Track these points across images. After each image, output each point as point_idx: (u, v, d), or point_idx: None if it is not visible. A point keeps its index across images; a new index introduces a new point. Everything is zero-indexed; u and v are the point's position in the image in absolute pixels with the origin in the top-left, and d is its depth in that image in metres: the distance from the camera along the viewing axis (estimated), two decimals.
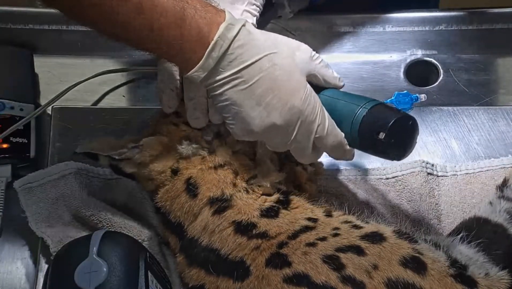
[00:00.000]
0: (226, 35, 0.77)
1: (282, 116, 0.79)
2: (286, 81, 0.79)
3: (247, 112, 0.79)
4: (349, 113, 0.81)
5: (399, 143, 0.80)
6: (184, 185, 0.86)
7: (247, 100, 0.79)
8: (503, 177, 0.94)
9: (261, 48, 0.78)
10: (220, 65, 0.78)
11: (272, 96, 0.79)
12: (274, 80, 0.78)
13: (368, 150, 0.82)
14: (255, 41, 0.78)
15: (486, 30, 1.13)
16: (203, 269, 0.82)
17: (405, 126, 0.80)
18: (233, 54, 0.77)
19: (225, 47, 0.77)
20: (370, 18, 1.13)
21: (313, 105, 0.80)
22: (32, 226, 0.92)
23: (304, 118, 0.80)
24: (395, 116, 0.79)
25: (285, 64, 0.79)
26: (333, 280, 0.76)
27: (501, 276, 0.79)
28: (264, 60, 0.78)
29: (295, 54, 0.80)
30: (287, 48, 0.80)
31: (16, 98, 1.02)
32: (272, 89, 0.78)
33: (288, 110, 0.79)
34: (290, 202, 0.85)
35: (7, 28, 1.12)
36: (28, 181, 0.94)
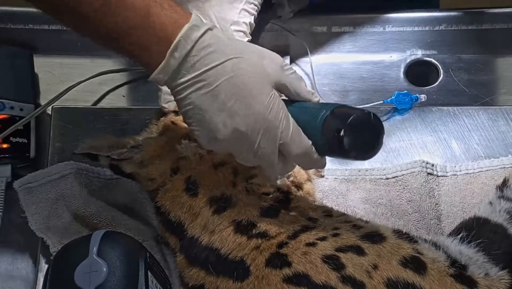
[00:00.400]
0: (189, 36, 0.76)
1: (245, 121, 0.77)
2: (249, 85, 0.77)
3: (210, 117, 0.77)
4: (313, 118, 0.79)
5: (362, 141, 0.78)
6: (184, 185, 0.86)
7: (210, 105, 0.77)
8: (503, 177, 0.94)
9: (226, 52, 0.77)
10: (183, 67, 0.76)
11: (234, 100, 0.76)
12: (237, 84, 0.76)
13: (333, 152, 0.80)
14: (220, 44, 0.77)
15: (486, 30, 1.13)
16: (203, 269, 0.82)
17: (366, 123, 0.78)
18: (197, 56, 0.76)
19: (188, 48, 0.76)
20: (370, 18, 1.13)
21: (276, 111, 0.77)
22: (32, 226, 0.92)
23: (268, 124, 0.77)
24: (354, 113, 0.77)
25: (249, 69, 0.77)
26: (333, 280, 0.76)
27: (501, 276, 0.79)
28: (228, 63, 0.76)
29: (262, 62, 0.78)
30: (255, 55, 0.78)
31: (16, 98, 1.02)
32: (235, 94, 0.76)
33: (251, 115, 0.77)
34: (290, 201, 0.85)
35: (7, 28, 1.12)
36: (28, 181, 0.94)
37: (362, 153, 0.79)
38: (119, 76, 1.11)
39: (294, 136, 0.78)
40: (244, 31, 0.94)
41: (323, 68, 1.11)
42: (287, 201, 0.85)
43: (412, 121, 1.04)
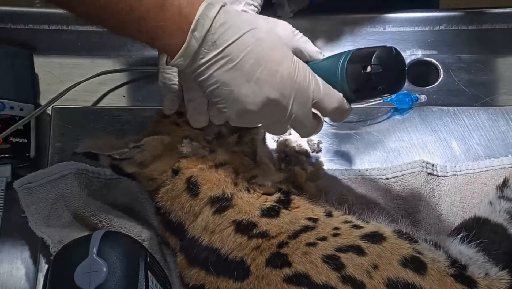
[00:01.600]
0: (207, 14, 0.76)
1: (275, 88, 0.78)
2: (272, 53, 0.78)
3: (238, 91, 0.78)
4: (334, 67, 0.80)
5: (388, 73, 0.79)
6: (185, 185, 0.86)
7: (237, 78, 0.77)
8: (503, 177, 0.94)
9: (242, 25, 0.77)
10: (204, 46, 0.76)
11: (261, 70, 0.77)
12: (261, 53, 0.77)
13: (361, 93, 0.81)
14: (235, 20, 0.77)
15: (486, 30, 1.13)
16: (203, 268, 0.82)
17: (389, 55, 0.79)
18: (216, 34, 0.76)
19: (207, 27, 0.76)
20: (370, 18, 1.13)
21: (303, 72, 0.79)
22: (32, 226, 0.92)
23: (298, 86, 0.79)
24: (376, 49, 0.79)
25: (268, 38, 0.78)
26: (333, 280, 0.76)
27: (501, 276, 0.79)
28: (247, 35, 0.77)
29: (276, 29, 0.80)
30: (267, 24, 0.80)
31: (16, 98, 1.02)
32: (259, 63, 0.77)
33: (279, 81, 0.78)
34: (291, 201, 0.85)
35: (7, 28, 1.12)
36: (28, 181, 0.94)
37: (391, 85, 0.80)
38: (119, 76, 1.11)
39: (326, 91, 0.80)
40: None
41: None
42: (287, 201, 0.85)
43: (412, 121, 1.04)
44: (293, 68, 0.78)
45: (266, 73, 0.77)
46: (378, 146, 1.02)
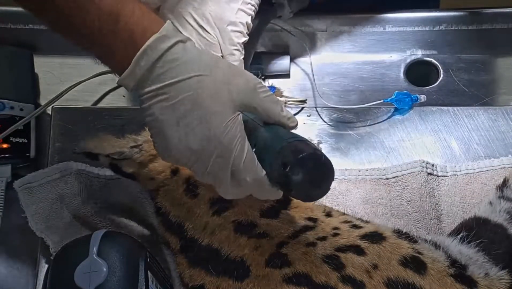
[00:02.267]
0: (157, 46, 0.74)
1: (199, 140, 0.74)
2: (209, 106, 0.74)
3: (166, 130, 0.75)
4: (272, 148, 0.75)
5: (307, 181, 0.73)
6: (184, 185, 0.86)
7: (168, 118, 0.75)
8: (503, 177, 0.94)
9: (194, 67, 0.75)
10: (149, 77, 0.74)
11: (192, 118, 0.74)
12: (197, 103, 0.74)
13: (279, 185, 0.75)
14: (189, 59, 0.75)
15: (486, 30, 1.13)
16: (203, 269, 0.82)
17: (316, 163, 0.73)
18: (163, 68, 0.74)
19: (154, 58, 0.74)
20: (370, 18, 1.13)
21: (232, 135, 0.74)
22: (32, 226, 0.92)
23: (221, 148, 0.74)
24: (307, 151, 0.72)
25: (213, 88, 0.75)
26: (333, 279, 0.76)
27: (501, 276, 0.79)
28: (193, 80, 0.74)
29: (231, 81, 0.76)
30: (223, 74, 0.76)
31: (16, 98, 1.02)
32: (193, 111, 0.74)
33: (205, 136, 0.74)
34: (290, 202, 0.85)
35: (7, 28, 1.12)
36: (28, 181, 0.94)
37: (307, 193, 0.75)
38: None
39: (247, 164, 0.75)
40: (241, 31, 0.93)
41: (323, 68, 1.11)
42: (287, 202, 0.85)
43: (412, 121, 1.04)
44: (224, 127, 0.74)
45: (196, 124, 0.75)
46: (378, 146, 1.02)
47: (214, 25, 0.92)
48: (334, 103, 1.06)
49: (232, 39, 0.92)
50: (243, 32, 0.93)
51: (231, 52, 0.93)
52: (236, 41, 0.93)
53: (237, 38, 0.93)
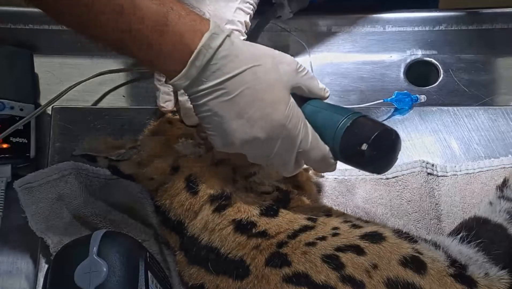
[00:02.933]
0: (209, 45, 0.76)
1: (264, 130, 0.78)
2: (269, 94, 0.77)
3: (228, 124, 0.78)
4: (332, 123, 0.80)
5: (381, 156, 0.79)
6: (184, 183, 0.86)
7: (229, 112, 0.77)
8: (503, 177, 0.94)
9: (245, 60, 0.77)
10: (203, 75, 0.76)
11: (254, 109, 0.77)
12: (257, 93, 0.77)
13: (348, 161, 0.81)
14: (239, 52, 0.77)
15: (486, 30, 1.13)
16: (202, 267, 0.82)
17: (388, 140, 0.80)
18: (216, 65, 0.76)
19: (208, 57, 0.76)
20: (370, 18, 1.13)
21: (296, 120, 0.79)
22: (32, 226, 0.92)
23: (287, 133, 0.79)
24: (379, 128, 0.79)
25: (268, 78, 0.78)
26: (333, 279, 0.76)
27: (501, 276, 0.79)
28: (247, 72, 0.77)
29: (279, 67, 0.79)
30: (271, 60, 0.79)
31: (16, 98, 1.02)
32: (254, 103, 0.77)
33: (270, 124, 0.78)
34: (290, 201, 0.85)
35: (7, 28, 1.12)
36: (28, 181, 0.94)
37: (379, 168, 0.81)
38: (119, 76, 1.11)
39: (313, 144, 0.80)
40: (239, 30, 0.94)
41: (323, 68, 1.11)
42: (286, 201, 0.85)
43: (412, 121, 1.04)
44: (286, 114, 0.78)
45: (258, 114, 0.77)
46: None
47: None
48: (334, 103, 1.06)
49: None
50: (241, 31, 0.94)
51: None
52: None
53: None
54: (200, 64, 0.76)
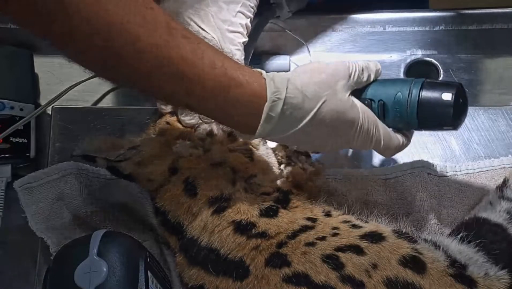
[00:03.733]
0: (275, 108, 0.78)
1: (346, 142, 0.83)
2: (341, 121, 0.81)
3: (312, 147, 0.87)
4: (403, 94, 0.82)
5: (464, 106, 0.81)
6: (182, 185, 0.86)
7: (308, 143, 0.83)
8: (503, 177, 0.94)
9: (309, 104, 0.79)
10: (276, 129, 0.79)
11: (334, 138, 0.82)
12: (332, 125, 0.80)
13: (429, 122, 0.82)
14: (301, 97, 0.79)
15: (486, 30, 1.13)
16: (202, 268, 0.82)
17: (463, 90, 0.82)
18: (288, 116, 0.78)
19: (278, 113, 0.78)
20: (370, 18, 1.13)
21: (367, 128, 0.82)
22: (32, 226, 0.92)
23: (363, 136, 0.82)
24: (457, 83, 0.81)
25: (335, 106, 0.80)
26: (333, 279, 0.76)
27: (501, 276, 0.79)
28: (317, 115, 0.79)
29: (337, 86, 0.81)
30: (329, 84, 0.80)
31: (16, 98, 1.02)
32: (331, 133, 0.81)
33: (351, 138, 0.82)
34: (289, 201, 0.85)
35: (7, 28, 1.12)
36: (28, 181, 0.94)
37: (461, 119, 0.82)
38: None
39: (386, 143, 0.84)
40: (241, 31, 0.94)
41: None
42: (286, 201, 0.85)
43: None
44: (359, 129, 0.82)
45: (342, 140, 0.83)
46: None
47: (214, 26, 0.93)
48: None
49: (233, 39, 0.93)
50: (243, 33, 0.94)
51: (232, 52, 0.94)
52: (237, 41, 0.93)
53: (238, 38, 0.93)
54: (273, 122, 0.78)
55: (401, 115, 0.82)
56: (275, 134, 0.80)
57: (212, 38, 0.93)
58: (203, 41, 0.77)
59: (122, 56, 0.71)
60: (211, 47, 0.77)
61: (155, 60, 0.72)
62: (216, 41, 0.93)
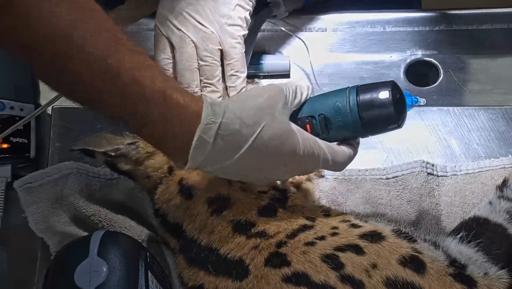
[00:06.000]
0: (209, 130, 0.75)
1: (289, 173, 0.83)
2: (283, 147, 0.77)
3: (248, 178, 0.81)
4: (340, 103, 0.80)
5: (401, 103, 0.81)
6: (177, 187, 0.86)
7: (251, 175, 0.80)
8: (503, 177, 0.94)
9: (246, 127, 0.76)
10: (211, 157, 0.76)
11: (278, 167, 0.80)
12: (274, 152, 0.77)
13: (372, 124, 0.81)
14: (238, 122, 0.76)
15: (486, 30, 1.13)
16: (202, 269, 0.82)
17: (397, 85, 0.81)
18: (225, 143, 0.75)
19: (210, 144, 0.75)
20: (370, 18, 1.13)
21: (311, 150, 0.79)
22: (32, 226, 0.92)
23: (306, 165, 0.81)
24: (389, 81, 0.81)
25: (275, 131, 0.77)
26: (332, 279, 0.76)
27: (500, 276, 0.79)
28: (258, 137, 0.76)
29: (275, 111, 0.78)
30: (267, 109, 0.77)
31: (16, 98, 1.02)
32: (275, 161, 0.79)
33: (292, 169, 0.81)
34: (288, 199, 0.85)
35: None
36: (28, 181, 0.94)
37: (403, 117, 0.82)
38: None
39: (333, 158, 0.81)
40: (240, 24, 0.95)
41: (323, 68, 1.11)
42: (284, 199, 0.85)
43: (412, 121, 1.03)
44: (303, 148, 0.78)
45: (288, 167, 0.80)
46: (378, 146, 1.01)
47: (213, 20, 0.93)
48: None
49: (232, 32, 0.94)
50: (242, 26, 0.95)
51: (232, 45, 0.94)
52: (237, 34, 0.94)
53: (237, 32, 0.94)
54: (204, 151, 0.75)
55: (344, 124, 0.81)
56: (211, 163, 0.76)
57: (211, 32, 0.94)
58: (147, 56, 0.75)
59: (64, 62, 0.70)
60: (155, 65, 0.75)
61: (97, 69, 0.71)
62: (215, 35, 0.94)
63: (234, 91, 0.95)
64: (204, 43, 0.94)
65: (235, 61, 0.95)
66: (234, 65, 0.95)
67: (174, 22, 0.94)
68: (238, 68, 0.95)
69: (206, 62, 0.94)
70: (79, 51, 0.70)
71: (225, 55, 0.95)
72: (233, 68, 0.95)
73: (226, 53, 0.95)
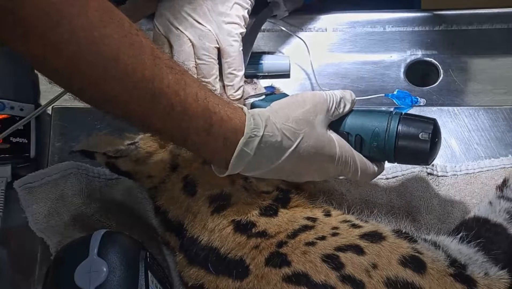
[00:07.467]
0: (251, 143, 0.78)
1: (318, 178, 0.87)
2: (320, 157, 0.82)
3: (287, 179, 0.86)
4: (380, 123, 0.83)
5: (437, 144, 0.84)
6: (181, 183, 0.86)
7: (284, 177, 0.84)
8: (503, 177, 0.94)
9: (287, 139, 0.79)
10: (251, 165, 0.80)
11: (312, 172, 0.84)
12: (310, 161, 0.82)
13: (403, 155, 0.84)
14: (279, 135, 0.79)
15: (486, 30, 1.13)
16: (202, 268, 0.82)
17: (438, 127, 0.84)
18: (265, 154, 0.79)
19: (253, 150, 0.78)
20: (370, 18, 1.13)
21: (345, 159, 0.83)
22: (32, 226, 0.92)
23: (341, 169, 0.84)
24: (430, 118, 0.83)
25: (314, 142, 0.81)
26: (333, 279, 0.76)
27: (501, 276, 0.79)
28: (296, 148, 0.80)
29: (315, 121, 0.81)
30: (308, 120, 0.81)
31: (16, 98, 1.02)
32: (309, 168, 0.83)
33: (323, 175, 0.85)
34: (289, 200, 0.85)
35: None
36: (28, 181, 0.94)
37: (434, 156, 0.84)
38: None
39: (363, 172, 0.85)
40: (238, 22, 0.95)
41: (323, 68, 1.10)
42: (286, 200, 0.85)
43: None
44: (337, 163, 0.83)
45: (320, 173, 0.85)
46: None
47: (210, 19, 0.93)
48: None
49: (230, 30, 0.94)
50: (240, 24, 0.95)
51: (230, 43, 0.94)
52: (234, 32, 0.94)
53: (235, 30, 0.94)
54: (244, 162, 0.79)
55: (377, 149, 0.84)
56: (249, 170, 0.80)
57: (208, 30, 0.93)
58: (187, 73, 0.77)
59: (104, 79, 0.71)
60: (195, 80, 0.77)
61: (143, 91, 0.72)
62: (212, 33, 0.94)
63: (231, 90, 0.96)
64: (201, 41, 0.94)
65: (233, 59, 0.95)
66: (232, 63, 0.95)
67: (172, 21, 0.94)
68: (235, 66, 0.95)
69: (203, 60, 0.94)
70: (125, 73, 0.71)
71: (223, 53, 0.95)
72: (231, 66, 0.95)
73: (224, 51, 0.95)
